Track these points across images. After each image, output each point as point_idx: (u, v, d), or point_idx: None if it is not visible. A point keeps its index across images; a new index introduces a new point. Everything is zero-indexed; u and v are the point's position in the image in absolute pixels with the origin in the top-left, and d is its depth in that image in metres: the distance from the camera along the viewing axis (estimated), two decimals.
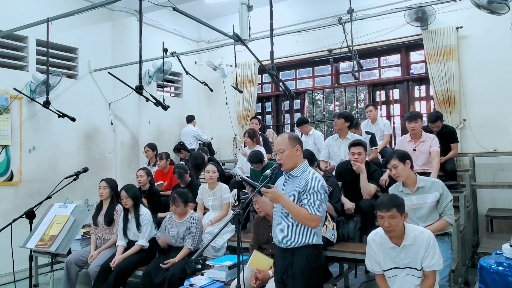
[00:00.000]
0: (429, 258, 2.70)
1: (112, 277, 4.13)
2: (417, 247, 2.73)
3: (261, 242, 3.86)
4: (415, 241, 2.73)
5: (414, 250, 2.73)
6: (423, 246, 2.71)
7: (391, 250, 2.80)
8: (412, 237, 2.74)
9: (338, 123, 5.15)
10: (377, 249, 2.85)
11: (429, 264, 2.70)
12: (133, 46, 6.79)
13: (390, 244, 2.80)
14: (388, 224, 2.72)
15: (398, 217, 2.72)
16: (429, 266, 2.71)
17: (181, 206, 4.29)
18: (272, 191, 2.72)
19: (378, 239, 2.87)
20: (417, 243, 2.73)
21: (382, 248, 2.83)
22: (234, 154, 8.46)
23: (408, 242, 2.74)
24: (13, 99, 5.58)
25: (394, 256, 2.79)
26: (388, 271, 2.84)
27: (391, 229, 2.73)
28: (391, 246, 2.79)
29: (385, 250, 2.82)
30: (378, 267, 2.87)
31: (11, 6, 5.67)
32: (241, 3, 5.30)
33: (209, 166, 4.92)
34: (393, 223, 2.71)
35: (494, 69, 6.19)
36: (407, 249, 2.75)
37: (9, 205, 5.50)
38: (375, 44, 7.13)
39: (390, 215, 2.71)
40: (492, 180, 6.14)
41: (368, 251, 2.92)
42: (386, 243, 2.82)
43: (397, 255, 2.77)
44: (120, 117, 7.06)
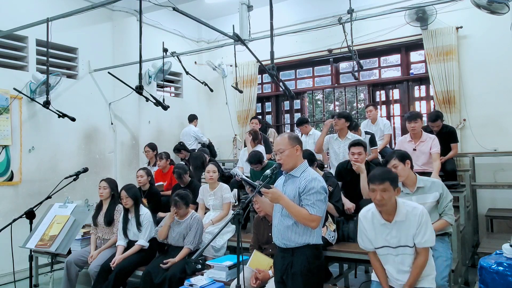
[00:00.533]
0: (421, 234, 2.65)
1: (112, 277, 4.13)
2: (408, 224, 2.66)
3: (261, 242, 3.86)
4: (407, 217, 2.67)
5: (406, 227, 2.67)
6: (415, 223, 2.65)
7: (382, 227, 2.74)
8: (404, 213, 2.68)
9: (340, 123, 5.15)
10: (368, 226, 2.79)
11: (421, 240, 2.65)
12: (133, 46, 6.79)
13: (382, 220, 2.73)
14: (380, 197, 2.65)
15: (390, 191, 2.65)
16: (421, 243, 2.65)
17: (183, 209, 4.30)
18: (272, 191, 2.72)
19: (369, 215, 2.80)
20: (408, 220, 2.67)
21: (373, 225, 2.77)
22: (234, 154, 8.46)
23: (400, 218, 2.68)
24: (13, 99, 5.58)
25: (385, 233, 2.73)
26: (380, 249, 2.79)
27: (383, 203, 2.66)
28: (382, 223, 2.73)
29: (376, 227, 2.76)
30: (370, 244, 2.82)
31: (11, 6, 5.67)
32: (241, 3, 5.30)
33: (209, 166, 4.93)
34: (385, 197, 2.64)
35: (494, 69, 6.19)
36: (399, 226, 2.68)
37: (9, 205, 5.50)
38: (375, 44, 7.13)
39: (382, 188, 2.64)
40: (492, 180, 6.14)
41: (359, 228, 2.87)
42: (377, 220, 2.75)
43: (389, 232, 2.71)
44: (120, 117, 7.06)
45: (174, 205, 4.26)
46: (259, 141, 6.13)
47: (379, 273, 2.83)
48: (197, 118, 8.07)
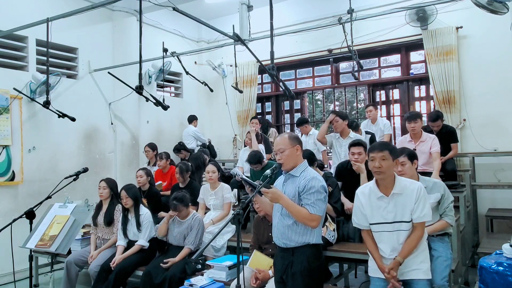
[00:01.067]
0: (419, 209, 2.64)
1: (112, 277, 4.13)
2: (405, 198, 2.66)
3: (261, 242, 3.86)
4: (404, 191, 2.67)
5: (403, 201, 2.66)
6: (413, 197, 2.65)
7: (379, 200, 2.72)
8: (401, 186, 2.68)
9: (338, 125, 5.13)
10: (365, 201, 2.78)
11: (419, 215, 2.64)
12: (133, 46, 6.79)
13: (379, 193, 2.72)
14: (378, 164, 2.65)
15: (389, 160, 2.66)
16: (420, 217, 2.65)
17: (184, 210, 4.30)
18: (272, 191, 2.71)
19: (367, 190, 2.81)
20: (406, 193, 2.67)
21: (370, 199, 2.76)
22: (234, 154, 8.46)
23: (397, 191, 2.67)
24: (13, 99, 5.58)
25: (382, 208, 2.72)
26: (375, 226, 2.78)
27: (381, 171, 2.65)
28: (379, 196, 2.71)
29: (373, 201, 2.75)
30: (365, 221, 2.81)
31: (11, 6, 5.67)
32: (241, 3, 5.30)
33: (209, 167, 4.93)
34: (384, 165, 2.64)
35: (494, 69, 6.19)
36: (396, 199, 2.68)
37: (9, 205, 5.50)
38: (375, 44, 7.13)
39: (381, 156, 2.65)
40: (492, 180, 6.14)
41: (355, 205, 2.87)
42: (374, 193, 2.74)
43: (385, 206, 2.70)
44: (120, 117, 7.06)
45: (173, 209, 4.25)
46: (259, 141, 6.14)
47: (373, 250, 2.80)
48: (196, 119, 8.07)
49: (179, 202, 4.24)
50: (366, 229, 2.84)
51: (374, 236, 2.81)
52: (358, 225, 2.87)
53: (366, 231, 2.84)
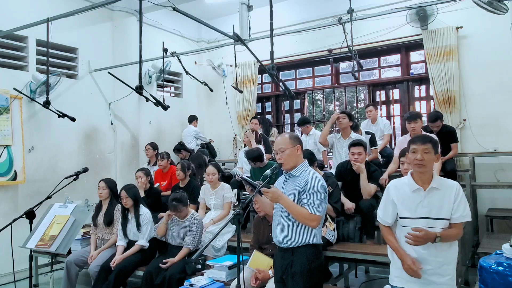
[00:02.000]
0: (461, 208, 2.47)
1: (112, 277, 4.13)
2: (443, 194, 2.49)
3: (261, 242, 3.86)
4: (442, 187, 2.51)
5: (439, 197, 2.49)
6: (452, 194, 2.48)
7: (414, 193, 2.54)
8: (439, 182, 2.53)
9: (344, 121, 5.17)
10: (396, 194, 2.60)
11: (462, 214, 2.46)
12: (133, 46, 6.79)
13: (415, 185, 2.54)
14: (421, 157, 2.49)
15: (432, 153, 2.52)
16: (462, 217, 2.47)
17: (184, 210, 4.30)
18: (272, 191, 2.72)
19: (399, 184, 2.63)
20: (444, 190, 2.50)
21: (403, 192, 2.58)
22: (234, 154, 8.46)
23: (436, 185, 2.50)
24: (13, 99, 5.58)
25: (416, 202, 2.52)
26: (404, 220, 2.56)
27: (423, 163, 2.49)
28: (416, 188, 2.53)
29: (407, 194, 2.56)
30: (390, 217, 2.62)
31: (11, 6, 5.67)
32: (241, 3, 5.31)
33: (209, 168, 4.93)
34: (426, 158, 2.49)
35: (494, 69, 6.19)
36: (433, 195, 2.50)
37: (9, 205, 5.50)
38: (375, 44, 7.13)
39: (424, 148, 2.51)
40: (492, 180, 6.14)
41: (384, 199, 2.67)
42: (410, 186, 2.56)
43: (421, 200, 2.51)
44: (120, 117, 7.06)
45: (173, 210, 4.25)
46: (257, 142, 6.14)
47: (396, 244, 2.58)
48: (197, 119, 8.07)
49: (178, 202, 4.24)
50: (388, 226, 2.66)
51: (399, 234, 2.60)
52: (381, 220, 2.67)
53: (387, 228, 2.66)
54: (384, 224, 2.68)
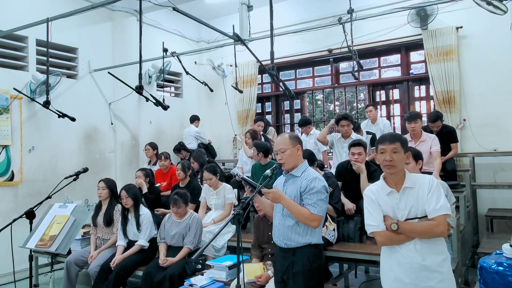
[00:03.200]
0: (433, 200, 2.28)
1: (112, 277, 4.13)
2: (418, 191, 2.34)
3: (261, 242, 3.86)
4: (416, 184, 2.35)
5: (415, 195, 2.34)
6: (425, 188, 2.32)
7: (389, 196, 2.40)
8: (413, 179, 2.38)
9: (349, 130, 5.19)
10: (375, 197, 2.44)
11: (435, 207, 2.26)
12: (133, 46, 6.79)
13: (388, 188, 2.40)
14: (389, 157, 2.36)
15: (401, 152, 2.38)
16: (435, 210, 2.26)
17: (183, 207, 4.30)
18: (273, 191, 2.71)
19: (374, 188, 2.49)
20: (418, 187, 2.35)
21: (379, 196, 2.43)
22: (234, 154, 8.46)
23: (409, 185, 2.36)
24: (13, 99, 5.58)
25: (392, 205, 2.38)
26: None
27: (392, 164, 2.35)
28: (389, 191, 2.39)
29: (382, 199, 2.41)
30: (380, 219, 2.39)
31: (11, 6, 5.66)
32: (241, 3, 5.31)
33: (204, 174, 4.89)
34: (396, 158, 2.35)
35: (494, 69, 6.19)
36: (408, 193, 2.36)
37: (9, 205, 5.50)
38: (375, 44, 7.13)
39: (393, 148, 2.37)
40: (492, 180, 6.14)
41: (366, 207, 2.48)
42: (383, 189, 2.42)
43: (397, 203, 2.37)
44: (120, 117, 7.06)
45: (173, 203, 4.26)
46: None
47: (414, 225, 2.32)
48: (198, 119, 8.05)
49: (180, 197, 4.27)
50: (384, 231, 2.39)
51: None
52: (377, 227, 2.38)
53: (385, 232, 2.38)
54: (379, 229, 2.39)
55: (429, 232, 2.28)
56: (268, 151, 5.27)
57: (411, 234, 2.31)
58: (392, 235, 2.35)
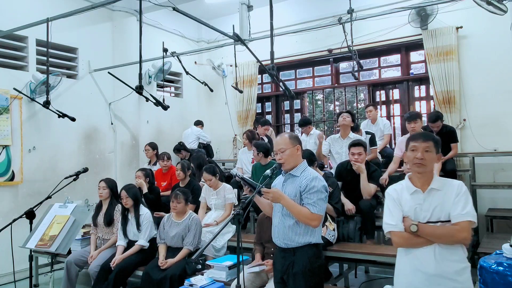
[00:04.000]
0: (460, 205, 2.16)
1: (112, 277, 4.13)
2: (444, 194, 2.23)
3: (264, 240, 3.84)
4: (444, 187, 2.24)
5: (440, 198, 2.23)
6: (453, 192, 2.20)
7: (413, 196, 2.29)
8: (441, 182, 2.28)
9: (348, 121, 5.21)
10: (397, 196, 2.34)
11: (460, 212, 2.15)
12: (133, 46, 6.79)
13: (412, 187, 2.30)
14: (421, 155, 2.25)
15: (433, 152, 2.28)
16: (461, 215, 2.14)
17: (182, 203, 4.30)
18: (273, 191, 2.72)
19: (398, 187, 2.38)
20: (445, 190, 2.23)
21: (402, 195, 2.33)
22: (234, 154, 8.46)
23: (436, 186, 2.25)
24: (13, 99, 5.58)
25: (415, 205, 2.26)
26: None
27: (423, 163, 2.25)
28: (414, 190, 2.29)
29: (405, 198, 2.31)
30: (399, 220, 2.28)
31: (11, 6, 5.66)
32: (241, 3, 5.31)
33: (203, 175, 4.90)
34: (427, 157, 2.25)
35: (494, 69, 6.19)
36: (433, 195, 2.25)
37: (9, 205, 5.50)
38: (375, 44, 7.13)
39: (425, 147, 2.27)
40: (492, 180, 6.14)
41: (386, 205, 2.37)
42: (407, 188, 2.32)
43: (420, 204, 2.26)
44: (120, 117, 7.06)
45: (174, 197, 4.27)
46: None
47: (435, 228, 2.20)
48: (203, 125, 8.08)
49: (181, 193, 4.30)
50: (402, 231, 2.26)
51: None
52: (395, 227, 2.27)
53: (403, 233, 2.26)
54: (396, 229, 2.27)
55: (450, 237, 2.16)
56: (268, 151, 5.28)
57: (430, 238, 2.18)
58: (409, 237, 2.22)
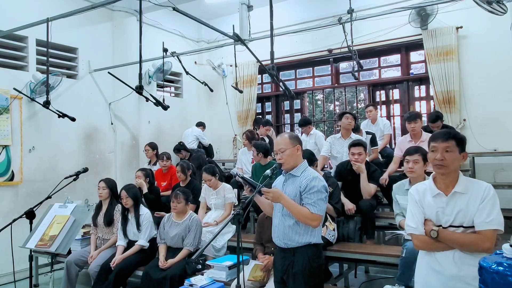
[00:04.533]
0: (485, 212, 2.04)
1: (112, 277, 4.13)
2: (469, 199, 2.09)
3: (264, 240, 3.84)
4: (469, 190, 2.10)
5: (465, 202, 2.09)
6: (478, 197, 2.06)
7: (435, 199, 2.16)
8: (465, 185, 2.13)
9: (352, 124, 5.24)
10: (419, 198, 2.23)
11: (485, 219, 2.02)
12: (133, 46, 6.79)
13: (435, 190, 2.17)
14: (441, 156, 2.11)
15: (455, 152, 2.12)
16: (486, 223, 2.02)
17: (182, 203, 4.30)
18: (273, 190, 2.71)
19: (421, 187, 2.26)
20: (470, 194, 2.10)
21: (424, 197, 2.22)
22: (234, 154, 8.46)
23: (460, 190, 2.11)
24: (13, 99, 5.58)
25: (437, 209, 2.15)
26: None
27: (444, 164, 2.11)
28: (436, 193, 2.16)
29: (427, 199, 2.19)
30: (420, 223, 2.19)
31: (11, 6, 5.66)
32: (241, 3, 5.31)
33: (203, 176, 4.91)
34: (448, 158, 2.10)
35: (494, 69, 6.19)
36: (457, 199, 2.11)
37: (9, 205, 5.50)
38: (375, 44, 7.13)
39: (445, 147, 2.12)
40: (492, 180, 6.14)
41: (409, 208, 2.27)
42: (430, 190, 2.19)
43: (443, 207, 2.14)
44: (120, 117, 7.06)
45: (174, 197, 4.27)
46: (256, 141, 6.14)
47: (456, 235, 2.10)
48: (204, 127, 8.08)
49: (181, 192, 4.30)
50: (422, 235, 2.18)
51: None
52: (416, 230, 2.19)
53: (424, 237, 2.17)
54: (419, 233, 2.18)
55: (473, 246, 2.06)
56: (268, 152, 5.28)
57: (451, 245, 2.11)
58: (430, 241, 2.15)
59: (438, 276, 2.15)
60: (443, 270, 2.13)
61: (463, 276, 2.09)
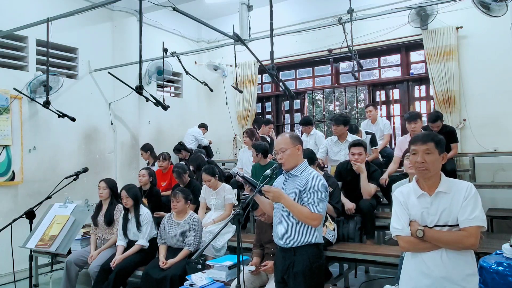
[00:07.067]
0: (468, 209, 2.07)
1: (112, 277, 4.13)
2: (452, 197, 2.14)
3: (263, 242, 3.85)
4: (452, 189, 2.15)
5: (448, 201, 2.14)
6: (461, 195, 2.11)
7: (420, 200, 2.20)
8: (449, 185, 2.17)
9: (339, 129, 5.15)
10: (404, 199, 2.26)
11: (468, 217, 2.06)
12: (133, 46, 6.79)
13: (419, 191, 2.21)
14: (421, 159, 2.15)
15: (435, 154, 2.16)
16: (469, 220, 2.06)
17: (182, 202, 4.30)
18: (274, 190, 2.71)
19: (405, 190, 2.30)
20: (453, 193, 2.14)
21: (409, 198, 2.25)
22: (234, 154, 8.46)
23: (443, 189, 2.16)
24: (13, 99, 5.58)
25: (422, 209, 2.18)
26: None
27: (424, 167, 2.15)
28: (420, 194, 2.20)
29: (411, 201, 2.23)
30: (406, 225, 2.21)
31: (11, 6, 5.66)
32: (241, 3, 5.31)
33: (203, 176, 4.90)
34: (428, 160, 2.14)
35: (494, 69, 6.19)
36: (441, 199, 2.15)
37: (9, 205, 5.50)
38: (375, 44, 7.13)
39: (425, 149, 2.16)
40: (492, 180, 6.14)
41: (393, 209, 2.30)
42: (414, 192, 2.23)
43: (427, 207, 2.17)
44: (120, 117, 7.06)
45: (173, 196, 4.28)
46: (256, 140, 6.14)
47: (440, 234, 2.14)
48: (206, 129, 8.07)
49: (180, 191, 4.31)
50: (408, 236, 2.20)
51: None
52: (401, 231, 2.21)
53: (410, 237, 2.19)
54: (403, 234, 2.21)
55: (458, 243, 2.10)
56: (267, 152, 5.28)
57: (437, 243, 2.13)
58: (416, 242, 2.17)
59: (426, 278, 2.15)
60: (431, 271, 2.15)
61: (452, 277, 2.12)
